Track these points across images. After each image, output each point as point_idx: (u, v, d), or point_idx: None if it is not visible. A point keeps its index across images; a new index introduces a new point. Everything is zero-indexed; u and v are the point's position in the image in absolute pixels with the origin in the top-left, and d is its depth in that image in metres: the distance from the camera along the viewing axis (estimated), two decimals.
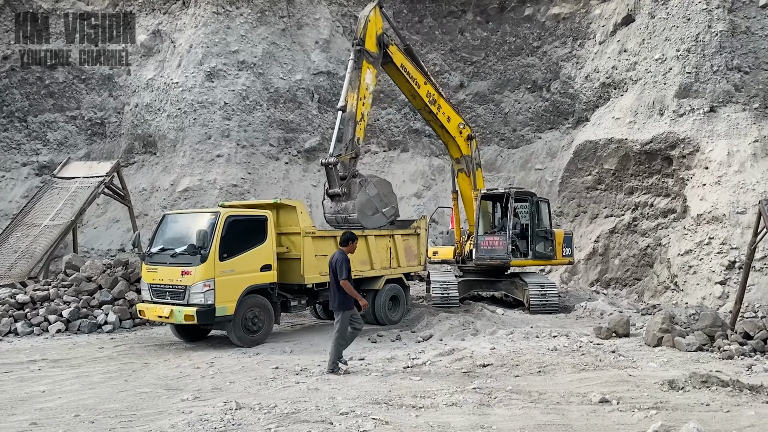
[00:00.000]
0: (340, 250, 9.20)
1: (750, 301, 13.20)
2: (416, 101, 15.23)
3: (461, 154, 15.99)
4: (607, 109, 19.89)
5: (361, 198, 12.77)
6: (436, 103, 15.15)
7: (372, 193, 13.03)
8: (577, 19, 22.06)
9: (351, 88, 13.15)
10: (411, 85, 14.66)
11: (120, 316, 13.00)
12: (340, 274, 8.86)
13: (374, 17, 13.67)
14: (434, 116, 15.28)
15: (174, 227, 11.49)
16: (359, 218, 12.66)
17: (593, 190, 19.50)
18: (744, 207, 14.86)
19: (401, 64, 14.37)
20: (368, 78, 13.38)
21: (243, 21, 22.28)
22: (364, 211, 12.78)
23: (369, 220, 12.93)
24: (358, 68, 13.24)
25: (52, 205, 17.23)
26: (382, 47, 13.76)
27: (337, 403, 7.08)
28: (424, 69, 15.33)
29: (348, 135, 12.84)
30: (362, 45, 13.29)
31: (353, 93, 13.06)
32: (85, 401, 7.38)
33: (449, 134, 15.68)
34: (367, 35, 13.41)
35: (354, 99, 12.99)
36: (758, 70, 16.89)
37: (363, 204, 12.79)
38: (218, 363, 9.54)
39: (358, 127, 13.02)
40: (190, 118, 21.65)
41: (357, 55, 13.28)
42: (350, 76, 13.25)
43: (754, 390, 7.35)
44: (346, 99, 13.09)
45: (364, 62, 13.27)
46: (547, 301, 14.87)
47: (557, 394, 7.38)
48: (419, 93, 14.80)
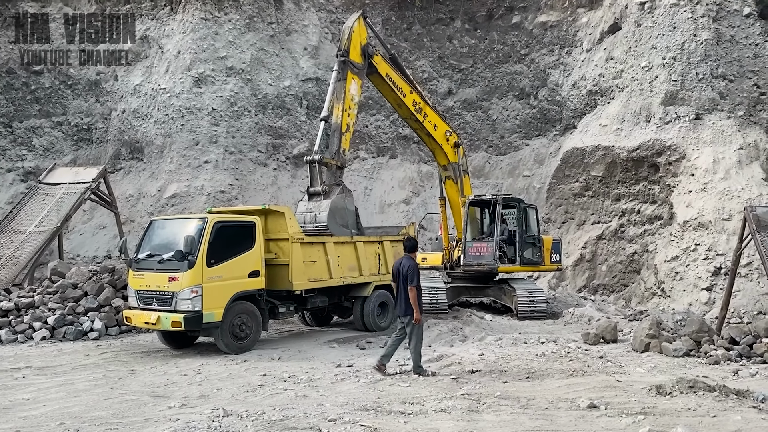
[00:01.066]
0: (408, 256, 9.26)
1: (736, 306, 13.31)
2: (402, 110, 15.26)
3: (448, 162, 16.02)
4: (594, 116, 20.03)
5: (338, 202, 12.62)
6: (422, 111, 15.18)
7: (349, 207, 12.94)
8: (565, 27, 22.24)
9: (336, 98, 13.15)
10: (396, 94, 14.69)
11: (106, 323, 12.86)
12: (411, 281, 8.91)
13: (358, 28, 13.71)
14: (420, 124, 15.32)
15: (161, 233, 11.40)
16: (328, 219, 12.32)
17: (581, 197, 19.61)
18: (729, 213, 14.99)
19: (386, 74, 14.39)
20: (353, 89, 13.39)
21: (231, 27, 22.26)
22: (335, 215, 12.52)
23: (335, 226, 12.55)
24: (343, 79, 13.25)
25: (37, 211, 17.08)
26: (367, 58, 13.79)
27: (325, 410, 7.04)
28: (410, 78, 15.37)
29: (334, 146, 12.81)
30: (346, 56, 13.31)
31: (338, 104, 13.06)
32: (70, 409, 7.29)
33: (436, 142, 15.72)
34: (352, 46, 13.44)
35: (339, 110, 12.99)
36: (742, 78, 17.10)
37: (337, 208, 12.59)
38: (205, 370, 9.47)
39: (344, 138, 13.04)
40: (178, 124, 21.57)
41: (341, 65, 13.30)
42: (334, 87, 13.24)
43: (740, 395, 7.40)
44: (330, 109, 13.05)
45: (349, 73, 13.30)
46: (535, 307, 14.91)
47: (546, 400, 7.39)
48: (405, 102, 14.83)
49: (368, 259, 13.34)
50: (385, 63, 14.46)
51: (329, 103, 13.12)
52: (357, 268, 13.10)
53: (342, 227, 12.69)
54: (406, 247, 9.45)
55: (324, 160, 12.57)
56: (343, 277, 12.75)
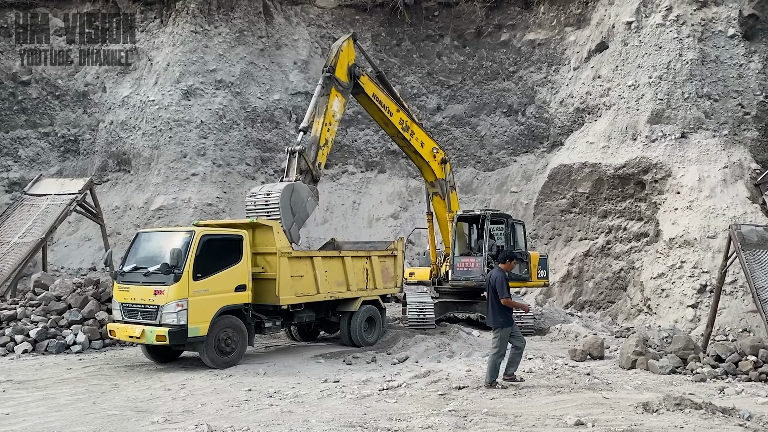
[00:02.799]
0: (499, 268, 9.35)
1: (721, 324, 13.39)
2: (389, 129, 15.32)
3: (435, 178, 16.08)
4: (582, 133, 20.19)
5: (301, 188, 12.29)
6: (409, 129, 15.25)
7: (309, 204, 12.57)
8: (553, 45, 22.47)
9: (317, 112, 13.20)
10: (383, 113, 14.76)
11: (90, 336, 12.71)
12: (502, 293, 9.00)
13: (347, 48, 13.83)
14: (407, 142, 15.38)
15: (147, 246, 11.31)
16: (282, 194, 11.88)
17: (567, 213, 19.71)
18: (714, 231, 15.12)
19: (373, 94, 14.48)
20: (335, 105, 13.45)
21: (221, 40, 22.29)
22: (291, 197, 12.05)
23: (286, 208, 11.96)
24: (326, 94, 13.32)
25: (21, 222, 16.91)
26: (353, 78, 13.88)
27: (311, 426, 6.97)
28: (397, 96, 15.46)
29: (310, 158, 12.79)
30: (332, 72, 13.39)
31: (319, 118, 13.11)
32: (51, 424, 7.17)
33: (423, 159, 15.78)
34: (338, 64, 13.53)
35: (319, 124, 13.03)
36: (727, 98, 17.33)
37: (297, 193, 12.19)
38: (190, 385, 9.36)
39: (321, 152, 13.06)
40: (166, 137, 21.49)
41: (326, 81, 13.37)
42: (317, 101, 13.29)
43: (726, 412, 7.42)
44: (310, 121, 13.08)
45: (333, 89, 13.37)
46: (522, 323, 14.88)
47: (533, 417, 7.36)
48: (392, 121, 14.90)
49: (356, 274, 13.29)
50: (372, 83, 14.54)
51: (310, 116, 13.15)
52: (345, 283, 13.04)
53: (289, 215, 12.05)
54: (500, 259, 9.46)
55: (304, 154, 12.47)
56: (330, 292, 12.69)
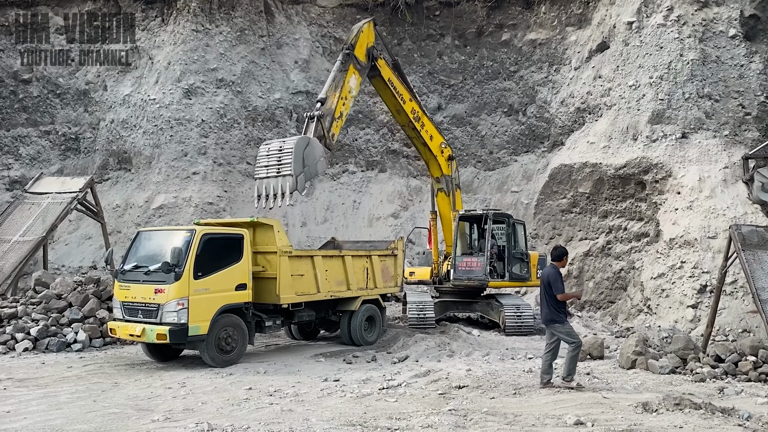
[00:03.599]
0: (553, 265, 9.32)
1: (721, 324, 13.39)
2: (401, 117, 15.27)
3: (441, 174, 16.07)
4: (582, 133, 20.19)
5: (315, 143, 12.08)
6: (420, 120, 15.27)
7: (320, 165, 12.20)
8: (554, 45, 22.46)
9: (334, 86, 13.11)
10: (396, 100, 14.76)
11: (90, 334, 12.72)
12: (556, 289, 8.98)
13: (367, 30, 13.91)
14: (417, 133, 15.36)
15: (148, 244, 11.32)
16: (295, 146, 11.64)
17: (568, 213, 19.70)
18: (715, 232, 15.12)
19: (388, 79, 14.51)
20: (352, 82, 13.42)
21: (222, 39, 22.29)
22: (304, 149, 11.76)
23: (297, 159, 11.64)
24: (344, 70, 13.30)
25: (22, 220, 16.92)
26: (371, 59, 13.90)
27: (311, 424, 6.98)
28: (410, 86, 15.49)
29: (325, 127, 12.54)
30: (351, 50, 13.40)
31: (335, 91, 13.01)
32: (51, 422, 7.18)
33: (431, 152, 15.76)
34: (358, 44, 13.56)
35: (335, 97, 12.92)
36: (728, 98, 17.31)
37: (311, 146, 11.95)
38: (190, 383, 9.38)
39: (335, 124, 12.89)
40: (167, 135, 21.50)
41: (345, 58, 13.37)
42: (335, 75, 13.23)
43: (725, 413, 7.43)
44: (327, 93, 12.98)
45: (351, 66, 13.35)
46: (522, 322, 14.92)
47: (533, 416, 7.37)
48: (404, 109, 14.88)
49: (356, 273, 13.30)
50: (388, 68, 14.59)
51: (328, 89, 13.05)
52: (345, 283, 13.06)
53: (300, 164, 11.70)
54: (553, 256, 9.46)
55: (322, 120, 12.34)
56: (330, 291, 12.71)
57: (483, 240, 15.92)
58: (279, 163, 11.85)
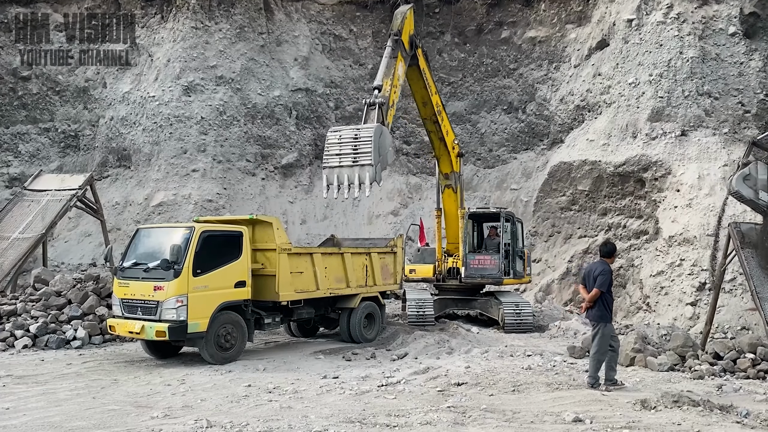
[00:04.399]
0: (603, 261, 9.06)
1: (720, 322, 13.41)
2: (426, 109, 15.15)
3: (451, 170, 16.07)
4: (582, 131, 20.18)
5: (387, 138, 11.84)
6: (441, 114, 15.29)
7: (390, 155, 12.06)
8: (553, 43, 22.44)
9: (387, 72, 12.90)
10: (427, 92, 14.69)
11: (89, 331, 12.72)
12: (602, 285, 8.71)
13: (410, 16, 13.78)
14: (438, 127, 15.31)
15: (147, 242, 11.33)
16: (373, 134, 11.42)
17: (567, 211, 19.71)
18: (714, 229, 15.12)
19: (423, 68, 14.46)
20: (400, 69, 13.30)
21: (222, 36, 22.27)
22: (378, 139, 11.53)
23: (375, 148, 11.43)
24: (395, 57, 13.12)
25: (22, 217, 16.92)
26: (414, 47, 13.84)
27: (310, 421, 6.99)
28: (434, 79, 15.43)
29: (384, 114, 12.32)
30: (399, 36, 13.21)
31: (388, 79, 12.81)
32: (50, 419, 7.19)
33: (446, 147, 15.72)
34: (404, 30, 13.41)
35: (389, 84, 12.74)
36: (727, 96, 17.29)
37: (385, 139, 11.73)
38: (189, 380, 9.39)
39: (389, 113, 12.71)
40: (166, 132, 21.50)
41: (394, 44, 13.18)
42: (387, 62, 13.00)
43: (724, 410, 7.44)
44: (381, 80, 12.72)
45: (399, 54, 13.20)
46: (521, 320, 14.94)
47: (531, 413, 7.38)
48: (431, 101, 14.83)
49: (355, 270, 13.31)
50: (423, 58, 14.54)
51: (382, 76, 12.81)
52: (344, 280, 13.06)
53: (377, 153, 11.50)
54: (602, 252, 9.21)
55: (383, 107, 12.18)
56: (330, 288, 12.72)
57: (490, 238, 16.10)
58: (355, 152, 11.51)
